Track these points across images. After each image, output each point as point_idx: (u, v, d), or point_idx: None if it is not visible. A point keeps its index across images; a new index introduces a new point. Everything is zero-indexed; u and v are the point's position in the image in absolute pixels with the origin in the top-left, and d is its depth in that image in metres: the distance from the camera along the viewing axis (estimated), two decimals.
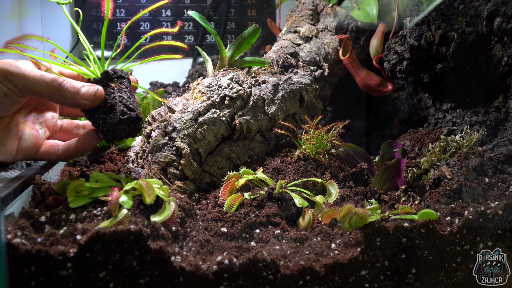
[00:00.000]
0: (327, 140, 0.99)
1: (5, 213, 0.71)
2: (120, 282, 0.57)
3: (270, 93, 1.03)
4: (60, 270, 0.55)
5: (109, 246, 0.56)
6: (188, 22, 1.82)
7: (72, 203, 0.69)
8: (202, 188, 0.89)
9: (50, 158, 0.88)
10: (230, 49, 1.08)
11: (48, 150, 0.87)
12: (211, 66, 1.10)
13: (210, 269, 0.59)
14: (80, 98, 0.78)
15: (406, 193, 0.88)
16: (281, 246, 0.67)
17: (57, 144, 0.88)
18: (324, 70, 1.18)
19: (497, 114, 1.03)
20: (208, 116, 0.92)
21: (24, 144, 0.84)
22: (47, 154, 0.87)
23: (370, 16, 1.21)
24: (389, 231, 0.66)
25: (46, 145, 0.88)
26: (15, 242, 0.55)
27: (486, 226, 0.71)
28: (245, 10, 1.86)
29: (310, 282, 0.62)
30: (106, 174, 0.81)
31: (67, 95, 0.78)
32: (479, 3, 1.05)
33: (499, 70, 1.02)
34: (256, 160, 0.98)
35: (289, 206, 0.77)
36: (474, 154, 0.86)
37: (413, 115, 1.32)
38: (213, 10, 1.83)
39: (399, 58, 1.18)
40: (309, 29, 1.28)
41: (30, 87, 0.76)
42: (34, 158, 0.87)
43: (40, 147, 0.87)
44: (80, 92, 0.78)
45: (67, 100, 0.78)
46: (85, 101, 0.78)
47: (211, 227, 0.72)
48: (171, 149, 0.87)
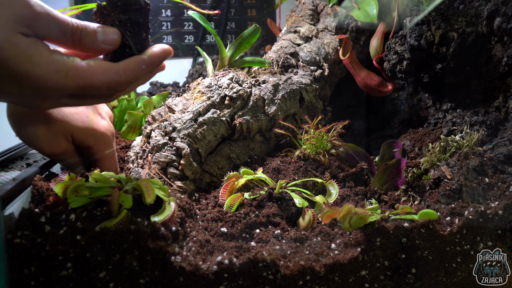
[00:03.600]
0: (327, 140, 0.99)
1: (5, 213, 0.71)
2: (120, 282, 0.57)
3: (270, 93, 1.03)
4: (60, 270, 0.55)
5: (109, 246, 0.56)
6: (188, 22, 1.82)
7: (72, 203, 0.69)
8: (202, 188, 0.89)
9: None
10: (230, 49, 1.08)
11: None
12: (211, 66, 1.10)
13: (210, 269, 0.59)
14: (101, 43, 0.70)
15: (406, 193, 0.88)
16: (281, 246, 0.67)
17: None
18: (324, 70, 1.18)
19: (497, 114, 1.03)
20: (208, 116, 0.92)
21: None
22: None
23: (370, 16, 1.21)
24: (389, 231, 0.66)
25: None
26: (15, 242, 0.55)
27: (486, 226, 0.71)
28: (245, 10, 1.86)
29: (310, 282, 0.62)
30: (106, 174, 0.81)
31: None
32: (479, 3, 1.05)
33: (499, 70, 1.02)
34: (256, 160, 0.98)
35: (289, 206, 0.77)
36: (474, 154, 0.86)
37: (413, 115, 1.32)
38: (213, 10, 1.83)
39: (399, 58, 1.18)
40: (309, 29, 1.28)
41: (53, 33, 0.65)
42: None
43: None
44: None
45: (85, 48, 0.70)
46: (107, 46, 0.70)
47: (211, 227, 0.72)
48: (171, 149, 0.87)
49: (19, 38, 0.61)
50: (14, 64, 0.61)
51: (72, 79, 0.65)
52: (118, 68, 0.70)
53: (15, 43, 0.61)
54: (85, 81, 0.66)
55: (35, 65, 0.62)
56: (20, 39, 0.61)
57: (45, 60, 0.63)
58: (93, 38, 0.69)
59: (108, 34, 0.70)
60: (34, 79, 0.62)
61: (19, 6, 0.61)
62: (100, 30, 0.70)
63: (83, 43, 0.68)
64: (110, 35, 0.71)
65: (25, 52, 0.61)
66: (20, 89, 0.63)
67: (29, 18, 0.62)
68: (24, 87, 0.63)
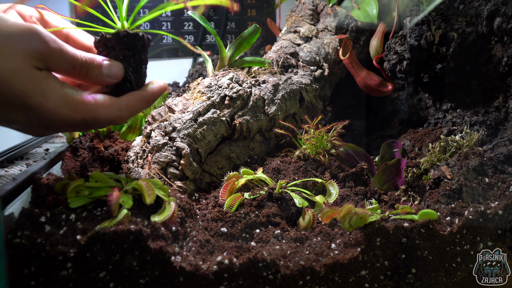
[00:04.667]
0: (327, 140, 0.99)
1: (5, 213, 0.71)
2: (120, 282, 0.57)
3: (270, 93, 1.03)
4: (60, 270, 0.55)
5: (109, 246, 0.56)
6: (188, 22, 1.82)
7: (72, 203, 0.69)
8: (202, 188, 0.89)
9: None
10: (230, 49, 1.08)
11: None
12: (211, 66, 1.10)
13: (210, 269, 0.59)
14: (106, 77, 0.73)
15: (406, 193, 0.88)
16: (281, 246, 0.67)
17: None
18: (324, 70, 1.18)
19: (497, 114, 1.03)
20: (208, 116, 0.92)
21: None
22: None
23: (370, 16, 1.21)
24: (389, 231, 0.66)
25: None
26: (15, 242, 0.55)
27: (486, 226, 0.71)
28: (245, 10, 1.86)
29: (310, 282, 0.62)
30: (106, 174, 0.81)
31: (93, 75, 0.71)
32: (479, 3, 1.05)
33: (499, 70, 1.02)
34: (256, 160, 0.98)
35: (289, 206, 0.77)
36: (474, 154, 0.86)
37: (413, 115, 1.33)
38: (213, 10, 1.83)
39: (399, 58, 1.18)
40: (309, 29, 1.28)
41: (62, 66, 0.68)
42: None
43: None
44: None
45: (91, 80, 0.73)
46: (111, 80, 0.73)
47: (211, 227, 0.72)
48: (171, 149, 0.87)
49: (34, 73, 0.64)
50: (28, 97, 0.64)
51: (79, 113, 0.68)
52: (121, 103, 0.73)
53: (31, 77, 0.64)
54: (90, 115, 0.70)
55: (47, 98, 0.66)
56: (35, 74, 0.65)
57: (56, 94, 0.66)
58: (99, 72, 0.72)
59: (113, 68, 0.73)
60: (45, 111, 0.66)
61: (35, 42, 0.64)
62: (105, 64, 0.72)
63: (89, 76, 0.72)
64: (114, 69, 0.74)
65: (39, 86, 0.65)
66: (29, 119, 0.67)
67: (44, 53, 0.65)
68: (33, 117, 0.66)
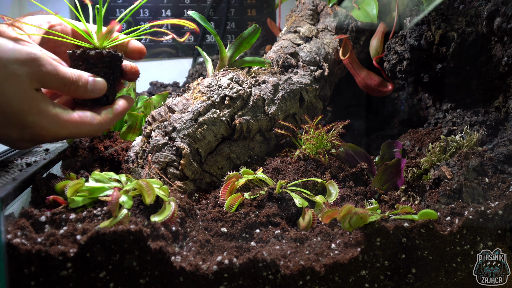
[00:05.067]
0: (327, 140, 0.99)
1: (5, 213, 0.71)
2: (120, 282, 0.57)
3: (270, 93, 1.03)
4: (60, 270, 0.55)
5: (109, 246, 0.56)
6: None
7: (72, 203, 0.69)
8: (202, 188, 0.89)
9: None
10: (230, 49, 1.08)
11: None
12: (211, 66, 1.10)
13: (210, 269, 0.59)
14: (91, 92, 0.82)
15: (406, 193, 0.88)
16: (281, 246, 0.67)
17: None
18: (324, 70, 1.18)
19: (497, 114, 1.03)
20: (208, 116, 0.92)
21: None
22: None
23: (370, 16, 1.21)
24: (389, 231, 0.66)
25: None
26: (15, 242, 0.55)
27: (486, 226, 0.71)
28: (245, 10, 1.86)
29: (310, 282, 0.62)
30: (106, 174, 0.81)
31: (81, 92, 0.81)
32: (479, 3, 1.05)
33: (499, 70, 1.02)
34: (256, 160, 0.98)
35: (289, 206, 0.77)
36: (474, 154, 0.86)
37: (413, 115, 1.32)
38: (213, 10, 1.83)
39: (399, 58, 1.18)
40: (309, 29, 1.28)
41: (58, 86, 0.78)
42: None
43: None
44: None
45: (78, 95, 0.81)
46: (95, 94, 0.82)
47: (211, 227, 0.72)
48: (171, 149, 0.87)
49: (33, 94, 0.71)
50: (25, 116, 0.71)
51: (66, 129, 0.77)
52: (101, 119, 0.83)
53: (30, 98, 0.71)
54: (76, 131, 0.79)
55: (42, 117, 0.73)
56: (34, 94, 0.71)
57: (49, 113, 0.74)
58: (85, 88, 0.81)
59: (98, 85, 0.83)
60: (39, 128, 0.73)
61: (35, 65, 0.71)
62: (91, 81, 0.82)
63: (76, 92, 0.80)
64: (99, 86, 0.83)
65: (37, 106, 0.72)
66: (21, 135, 0.74)
67: (42, 75, 0.72)
68: (26, 134, 0.73)
